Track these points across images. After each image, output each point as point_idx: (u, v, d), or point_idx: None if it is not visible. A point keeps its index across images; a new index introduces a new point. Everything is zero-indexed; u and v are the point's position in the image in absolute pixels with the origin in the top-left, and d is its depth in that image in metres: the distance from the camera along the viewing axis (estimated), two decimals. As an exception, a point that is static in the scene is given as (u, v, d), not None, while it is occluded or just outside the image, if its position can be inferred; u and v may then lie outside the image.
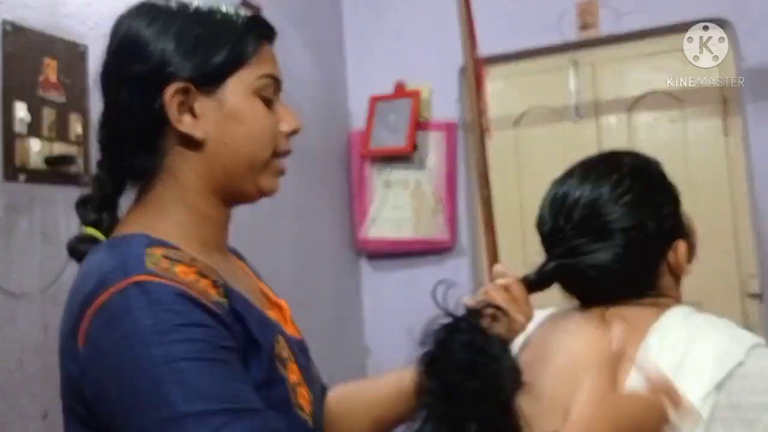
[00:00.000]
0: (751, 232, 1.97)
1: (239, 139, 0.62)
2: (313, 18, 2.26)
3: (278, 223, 2.00)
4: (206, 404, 0.49)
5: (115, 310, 0.52)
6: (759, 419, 0.62)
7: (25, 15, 1.27)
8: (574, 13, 2.10)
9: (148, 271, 0.54)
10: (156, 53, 0.60)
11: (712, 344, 0.66)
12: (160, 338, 0.50)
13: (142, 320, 0.51)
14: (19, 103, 1.23)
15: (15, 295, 1.21)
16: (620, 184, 0.74)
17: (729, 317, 2.11)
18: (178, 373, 0.49)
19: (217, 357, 0.52)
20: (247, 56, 0.63)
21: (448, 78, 2.26)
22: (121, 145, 0.63)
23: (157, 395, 0.49)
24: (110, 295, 0.53)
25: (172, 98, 0.60)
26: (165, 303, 0.52)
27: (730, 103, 2.01)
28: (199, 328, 0.52)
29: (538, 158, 2.23)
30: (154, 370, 0.49)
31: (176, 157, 0.62)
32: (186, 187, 0.63)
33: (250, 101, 0.63)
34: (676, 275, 0.77)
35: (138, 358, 0.50)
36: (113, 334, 0.52)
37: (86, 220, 0.65)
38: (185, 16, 0.62)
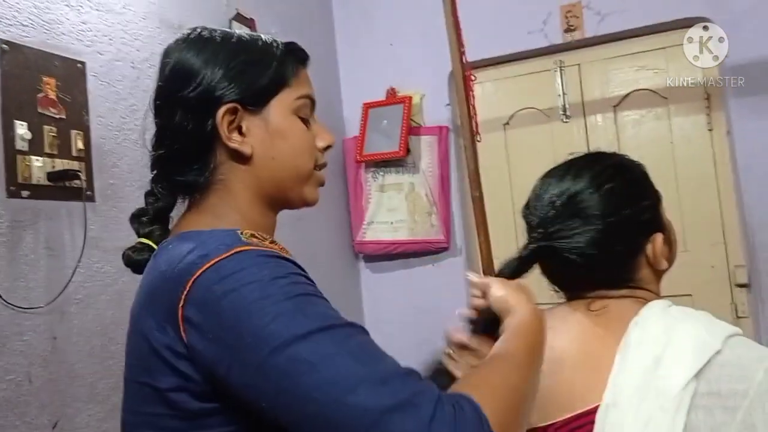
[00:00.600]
0: (738, 224, 2.02)
1: (284, 153, 0.68)
2: (305, 28, 2.30)
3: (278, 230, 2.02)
4: (331, 321, 0.54)
5: (227, 269, 0.56)
6: (739, 405, 0.63)
7: (21, 34, 1.30)
8: (558, 16, 2.15)
9: (247, 243, 0.59)
10: (206, 79, 0.66)
11: (690, 335, 0.68)
12: (278, 282, 0.55)
13: (257, 272, 0.55)
14: (19, 121, 1.26)
15: (22, 309, 1.24)
16: (600, 176, 0.78)
17: (719, 307, 2.15)
18: (301, 304, 0.54)
19: (323, 297, 0.58)
20: (287, 79, 0.69)
21: (439, 83, 2.30)
22: (176, 162, 0.68)
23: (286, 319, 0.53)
24: (217, 261, 0.56)
25: (222, 118, 0.66)
26: (272, 261, 0.57)
27: (714, 98, 2.06)
28: (303, 278, 0.59)
29: (528, 158, 2.27)
30: (280, 303, 0.54)
31: (227, 170, 0.68)
32: (238, 197, 0.68)
33: (291, 119, 0.69)
34: (655, 269, 0.79)
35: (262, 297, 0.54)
36: (232, 285, 0.55)
37: (141, 232, 0.71)
38: (230, 44, 0.69)
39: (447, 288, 2.25)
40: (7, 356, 1.20)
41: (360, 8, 2.46)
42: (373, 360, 0.53)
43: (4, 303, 1.20)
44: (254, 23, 1.96)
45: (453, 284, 2.27)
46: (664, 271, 0.81)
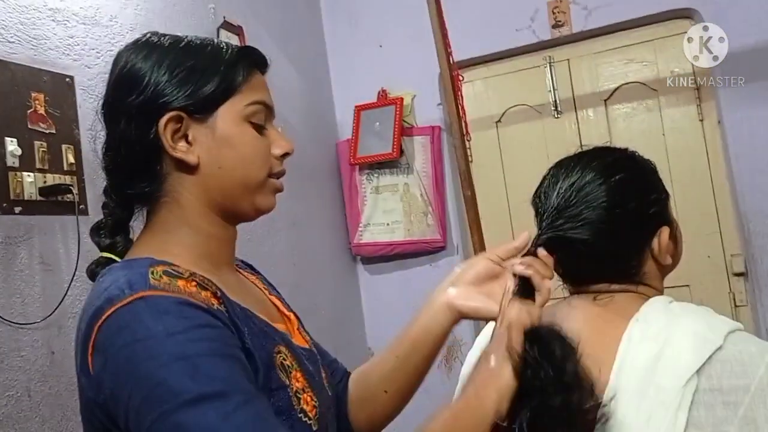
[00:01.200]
0: (732, 213, 2.02)
1: (232, 161, 0.66)
2: (294, 34, 2.30)
3: (275, 235, 2.03)
4: (224, 387, 0.52)
5: (124, 320, 0.55)
6: (739, 401, 0.64)
7: (8, 51, 1.30)
8: (545, 12, 2.15)
9: (152, 287, 0.57)
10: (150, 85, 0.64)
11: (691, 331, 0.68)
12: (173, 339, 0.53)
13: (153, 326, 0.54)
14: (9, 138, 1.26)
15: (19, 325, 1.24)
16: (609, 167, 0.78)
17: (717, 297, 2.15)
18: (193, 366, 0.52)
19: (226, 352, 0.56)
20: (236, 85, 0.66)
21: (429, 83, 2.30)
22: (122, 172, 0.67)
23: (176, 383, 0.52)
24: (117, 309, 0.55)
25: (165, 127, 0.64)
26: (172, 312, 0.55)
27: (703, 89, 2.06)
28: (208, 329, 0.56)
29: (521, 155, 2.27)
30: (171, 364, 0.52)
31: (175, 181, 0.66)
32: (187, 208, 0.66)
33: (241, 127, 0.67)
34: (659, 264, 0.79)
35: (153, 356, 0.53)
36: (125, 339, 0.54)
37: (102, 246, 0.69)
38: (178, 49, 0.66)
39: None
40: (6, 372, 1.20)
41: (348, 12, 2.46)
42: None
43: (1, 319, 1.21)
44: (242, 31, 1.96)
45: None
46: (669, 268, 0.81)
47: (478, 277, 0.72)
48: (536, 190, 0.83)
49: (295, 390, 0.64)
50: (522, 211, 2.30)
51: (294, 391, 0.64)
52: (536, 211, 0.82)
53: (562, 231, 0.76)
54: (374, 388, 0.79)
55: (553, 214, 0.77)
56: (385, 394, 0.77)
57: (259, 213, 0.70)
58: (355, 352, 2.35)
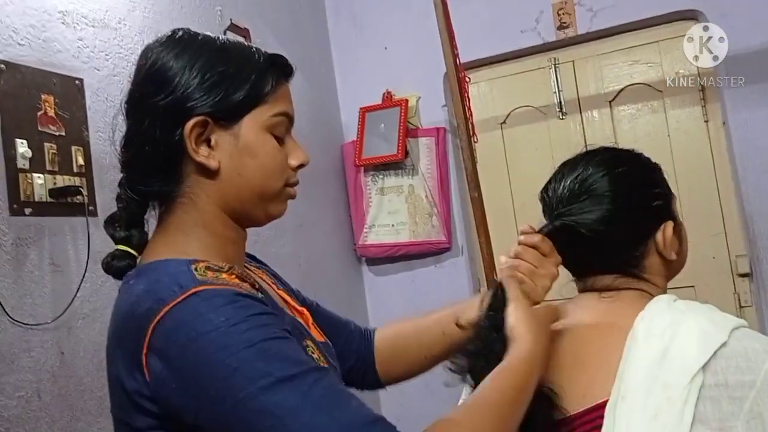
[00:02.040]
0: (737, 214, 2.03)
1: (252, 170, 0.66)
2: (300, 37, 2.31)
3: (281, 236, 2.04)
4: (297, 368, 0.54)
5: (183, 318, 0.55)
6: (745, 396, 0.64)
7: (18, 53, 1.31)
8: (550, 14, 2.16)
9: (201, 282, 0.57)
10: (180, 87, 0.64)
11: (696, 328, 0.69)
12: (237, 328, 0.54)
13: (215, 319, 0.55)
14: (19, 140, 1.27)
15: (29, 326, 1.25)
16: (613, 160, 0.81)
17: (722, 297, 2.15)
18: (262, 352, 0.54)
19: (286, 335, 0.58)
20: (264, 95, 0.66)
21: (434, 85, 2.31)
22: (141, 169, 0.67)
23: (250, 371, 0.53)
24: (171, 308, 0.56)
25: (191, 131, 0.64)
26: (228, 303, 0.56)
27: (708, 90, 2.07)
28: (264, 316, 0.57)
29: (526, 156, 2.28)
30: (240, 353, 0.53)
31: (193, 183, 0.66)
32: (204, 211, 0.67)
33: (263, 137, 0.67)
34: (663, 259, 0.80)
35: (222, 347, 0.53)
36: (189, 335, 0.54)
37: (117, 238, 0.69)
38: (210, 52, 0.66)
39: (450, 288, 2.26)
40: (16, 373, 1.21)
41: (352, 14, 2.47)
42: (338, 408, 0.53)
43: (11, 320, 1.21)
44: (249, 33, 1.97)
45: (456, 284, 2.28)
46: (674, 266, 0.82)
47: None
48: (544, 187, 0.85)
49: None
50: (527, 212, 2.31)
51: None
52: (542, 204, 0.84)
53: (565, 219, 0.78)
54: (413, 351, 0.87)
55: (559, 205, 0.80)
56: (424, 358, 0.86)
57: (270, 219, 0.71)
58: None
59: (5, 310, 1.20)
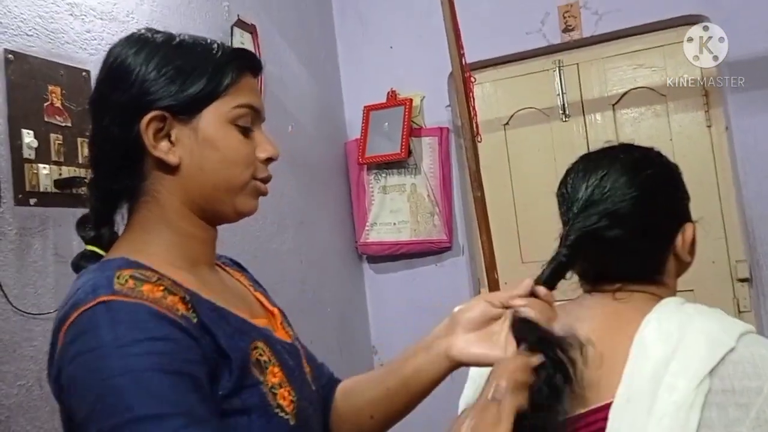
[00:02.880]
0: (738, 219, 2.03)
1: (213, 164, 0.65)
2: (305, 34, 2.31)
3: (283, 233, 2.05)
4: (163, 408, 0.52)
5: (82, 327, 0.55)
6: (752, 402, 0.63)
7: (26, 44, 1.32)
8: (556, 16, 2.17)
9: (114, 291, 0.56)
10: (137, 83, 0.64)
11: (704, 332, 0.68)
12: (121, 351, 0.53)
13: (104, 335, 0.54)
14: (25, 130, 1.28)
15: (32, 315, 1.25)
16: (638, 163, 0.78)
17: (721, 302, 2.15)
18: (136, 382, 0.52)
19: (177, 369, 0.54)
20: (222, 88, 0.66)
21: (439, 84, 2.32)
22: (104, 167, 0.67)
23: (115, 401, 0.51)
24: (79, 313, 0.56)
25: (148, 126, 0.64)
26: (128, 320, 0.55)
27: (712, 95, 2.07)
28: (160, 342, 0.55)
29: (528, 158, 2.28)
30: (113, 379, 0.52)
31: (155, 180, 0.66)
32: (167, 208, 0.66)
33: (225, 129, 0.66)
34: (680, 260, 0.79)
35: (98, 369, 0.53)
36: (79, 347, 0.55)
37: (86, 239, 0.69)
38: (169, 47, 0.66)
39: (450, 287, 2.27)
40: (18, 362, 1.22)
41: (358, 13, 2.47)
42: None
43: (14, 309, 1.22)
44: (255, 29, 1.98)
45: (456, 283, 2.28)
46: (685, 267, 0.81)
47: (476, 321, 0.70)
48: (562, 182, 0.81)
49: (271, 385, 0.64)
50: (528, 214, 2.31)
51: (269, 386, 0.64)
52: (561, 203, 0.80)
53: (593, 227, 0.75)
54: (360, 410, 0.78)
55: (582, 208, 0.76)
56: (371, 419, 0.77)
57: (240, 216, 0.69)
58: (359, 350, 2.37)
59: (8, 299, 1.21)
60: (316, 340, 2.10)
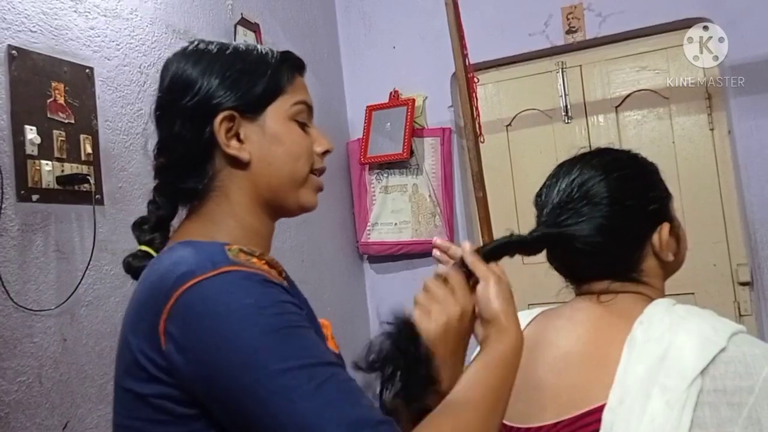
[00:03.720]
0: (739, 223, 2.03)
1: (280, 158, 0.70)
2: (309, 34, 2.32)
3: (285, 231, 2.05)
4: (313, 358, 0.55)
5: (210, 292, 0.56)
6: (744, 401, 0.64)
7: (30, 40, 1.32)
8: (559, 18, 2.17)
9: (233, 262, 0.59)
10: (204, 88, 0.68)
11: (695, 333, 0.69)
12: (263, 311, 0.56)
13: (243, 299, 0.56)
14: (29, 126, 1.28)
15: (33, 312, 1.25)
16: (610, 164, 0.79)
17: (722, 305, 2.15)
18: (285, 338, 0.55)
19: (308, 326, 0.59)
20: (282, 86, 0.71)
21: (441, 85, 2.32)
22: (176, 170, 0.70)
23: (271, 353, 0.54)
24: (201, 280, 0.57)
25: (220, 126, 0.68)
26: (258, 287, 0.58)
27: (715, 98, 2.07)
28: (289, 305, 0.59)
29: (530, 159, 2.29)
30: (264, 336, 0.55)
31: (225, 177, 0.69)
32: (235, 203, 0.69)
33: (288, 125, 0.71)
34: (661, 261, 0.79)
35: (247, 327, 0.55)
36: (217, 309, 0.55)
37: (142, 240, 0.72)
38: (226, 55, 0.70)
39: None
40: (18, 358, 1.22)
41: (362, 13, 2.47)
42: (348, 404, 0.54)
43: (15, 305, 1.22)
44: (259, 28, 1.98)
45: (457, 285, 2.28)
46: (671, 267, 0.81)
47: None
48: (539, 191, 0.84)
49: None
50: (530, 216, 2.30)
51: None
52: (537, 209, 0.83)
53: (562, 227, 0.77)
54: None
55: (554, 210, 0.78)
56: None
57: (302, 210, 0.74)
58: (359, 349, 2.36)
59: (9, 295, 1.21)
60: (317, 339, 2.10)
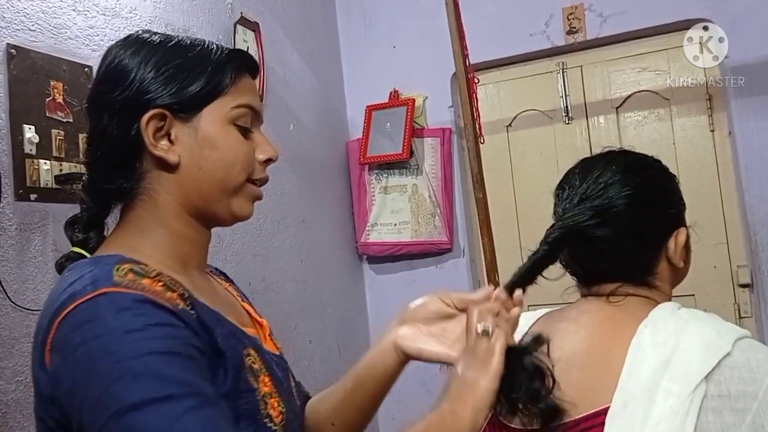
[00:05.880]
0: (740, 225, 2.03)
1: (212, 163, 0.65)
2: (309, 33, 2.31)
3: (284, 231, 2.04)
4: (174, 389, 0.52)
5: (84, 316, 0.54)
6: (748, 407, 0.64)
7: (29, 39, 1.31)
8: (560, 18, 2.16)
9: (115, 283, 0.56)
10: (136, 81, 0.64)
11: (700, 337, 0.69)
12: (130, 336, 0.53)
13: (111, 322, 0.53)
14: (27, 125, 1.27)
15: (30, 311, 1.25)
16: (635, 166, 0.80)
17: (722, 307, 2.15)
18: (147, 365, 0.52)
19: (184, 352, 0.55)
20: (223, 87, 0.66)
21: (441, 85, 2.31)
22: (102, 167, 0.66)
23: (127, 383, 0.51)
24: (78, 304, 0.55)
25: (147, 124, 0.63)
26: (132, 308, 0.55)
27: (715, 99, 2.07)
28: (166, 328, 0.55)
29: (530, 160, 2.28)
30: (124, 362, 0.52)
31: (153, 179, 0.65)
32: (163, 208, 0.66)
33: (225, 129, 0.66)
34: (672, 266, 0.80)
35: (108, 353, 0.52)
36: (83, 336, 0.53)
37: (74, 240, 0.68)
38: (166, 47, 0.66)
39: (450, 288, 2.26)
40: (16, 358, 1.21)
41: (362, 12, 2.47)
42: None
43: (13, 305, 1.21)
44: (258, 27, 1.97)
45: (456, 285, 2.28)
46: (679, 274, 0.82)
47: (429, 317, 0.72)
48: (560, 182, 0.83)
49: (263, 394, 0.63)
50: (529, 216, 2.31)
51: (261, 395, 0.63)
52: (557, 202, 0.82)
53: (581, 225, 0.76)
54: (323, 419, 0.77)
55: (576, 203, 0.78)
56: (332, 426, 0.76)
57: (235, 219, 0.69)
58: (358, 351, 2.35)
59: (7, 295, 1.20)
60: (315, 340, 2.10)
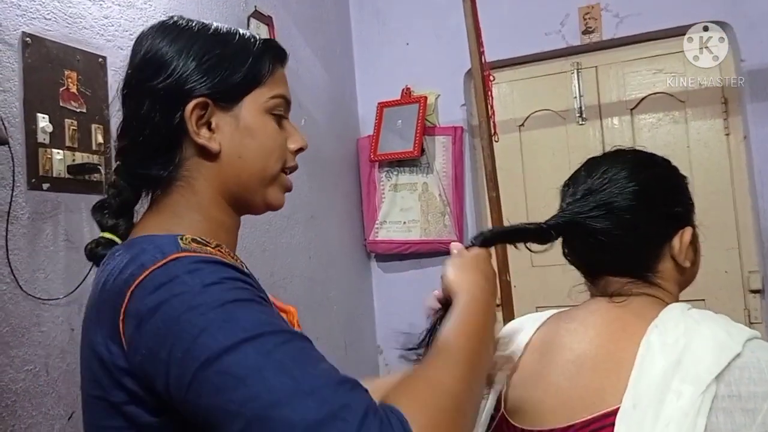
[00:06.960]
0: (752, 230, 2.01)
1: (252, 152, 0.66)
2: (322, 28, 2.30)
3: (293, 227, 2.04)
4: (262, 329, 0.52)
5: (160, 279, 0.55)
6: (759, 408, 0.64)
7: (44, 27, 1.31)
8: (576, 18, 2.14)
9: (183, 249, 0.57)
10: (178, 70, 0.64)
11: (710, 338, 0.68)
12: (209, 289, 0.54)
13: (188, 281, 0.54)
14: (41, 114, 1.27)
15: (41, 301, 1.25)
16: (642, 163, 0.80)
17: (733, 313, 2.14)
18: (231, 312, 0.53)
19: (261, 301, 0.56)
20: (262, 77, 0.67)
21: (454, 83, 2.30)
22: (139, 154, 0.66)
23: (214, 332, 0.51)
24: (151, 272, 0.55)
25: (191, 112, 0.64)
26: (205, 268, 0.56)
27: (731, 103, 2.05)
28: (239, 282, 0.56)
29: (543, 160, 2.27)
30: (209, 313, 0.52)
31: (192, 167, 0.66)
32: (201, 195, 0.66)
33: (263, 118, 0.67)
34: (677, 265, 0.79)
35: (191, 307, 0.52)
36: (161, 297, 0.54)
37: (104, 226, 0.68)
38: (206, 36, 0.66)
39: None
40: (26, 347, 1.21)
41: (375, 8, 2.46)
42: (303, 370, 0.51)
43: (24, 294, 1.21)
44: (272, 21, 1.97)
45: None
46: (687, 275, 0.81)
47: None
48: (567, 180, 0.84)
49: None
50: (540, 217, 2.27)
51: None
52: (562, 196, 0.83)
53: (582, 216, 0.77)
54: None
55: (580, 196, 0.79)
56: None
57: (268, 208, 0.70)
58: (364, 349, 2.36)
59: (19, 284, 1.20)
60: (322, 337, 2.09)
